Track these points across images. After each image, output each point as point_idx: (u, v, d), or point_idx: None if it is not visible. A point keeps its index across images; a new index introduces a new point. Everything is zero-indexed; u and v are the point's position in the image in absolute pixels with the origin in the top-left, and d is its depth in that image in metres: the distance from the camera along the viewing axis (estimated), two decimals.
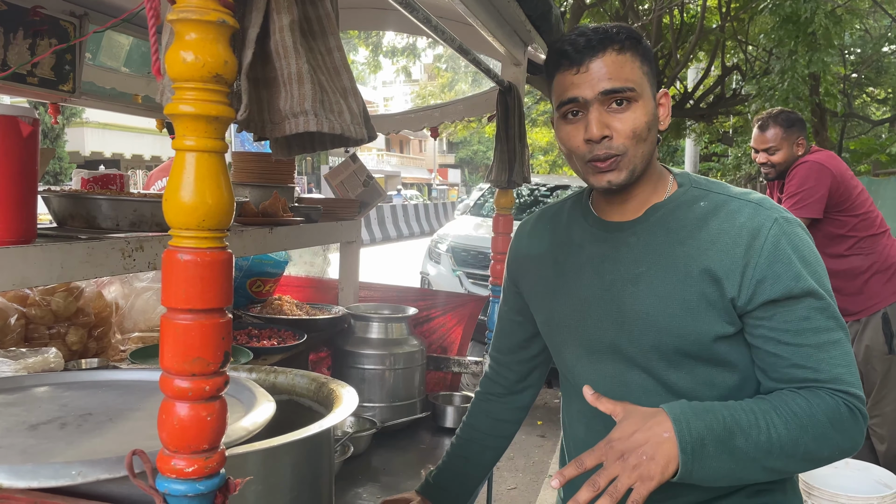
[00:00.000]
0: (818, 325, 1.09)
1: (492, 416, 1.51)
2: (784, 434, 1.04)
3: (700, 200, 1.19)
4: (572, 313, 1.26)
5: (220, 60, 0.71)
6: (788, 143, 3.24)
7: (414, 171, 42.43)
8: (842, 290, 3.24)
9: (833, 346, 1.09)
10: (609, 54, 1.13)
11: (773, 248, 1.10)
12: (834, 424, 1.07)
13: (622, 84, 1.12)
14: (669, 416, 1.04)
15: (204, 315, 0.73)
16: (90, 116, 19.91)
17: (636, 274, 1.18)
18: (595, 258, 1.24)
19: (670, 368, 1.16)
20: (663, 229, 1.18)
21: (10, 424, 0.98)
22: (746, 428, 1.04)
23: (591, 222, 1.27)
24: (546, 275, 1.32)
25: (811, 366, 1.09)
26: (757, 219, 1.12)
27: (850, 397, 1.08)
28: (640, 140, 1.14)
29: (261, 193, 2.12)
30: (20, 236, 1.05)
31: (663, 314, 1.14)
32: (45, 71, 1.84)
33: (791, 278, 1.09)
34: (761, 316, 1.11)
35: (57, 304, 1.81)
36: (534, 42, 2.36)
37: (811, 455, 1.07)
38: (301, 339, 2.20)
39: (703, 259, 1.12)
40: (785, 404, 1.07)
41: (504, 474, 4.14)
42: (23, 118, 1.03)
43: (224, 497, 0.79)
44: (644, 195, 1.22)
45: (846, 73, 10.28)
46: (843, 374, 1.09)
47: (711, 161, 13.07)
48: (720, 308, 1.12)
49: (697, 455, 1.01)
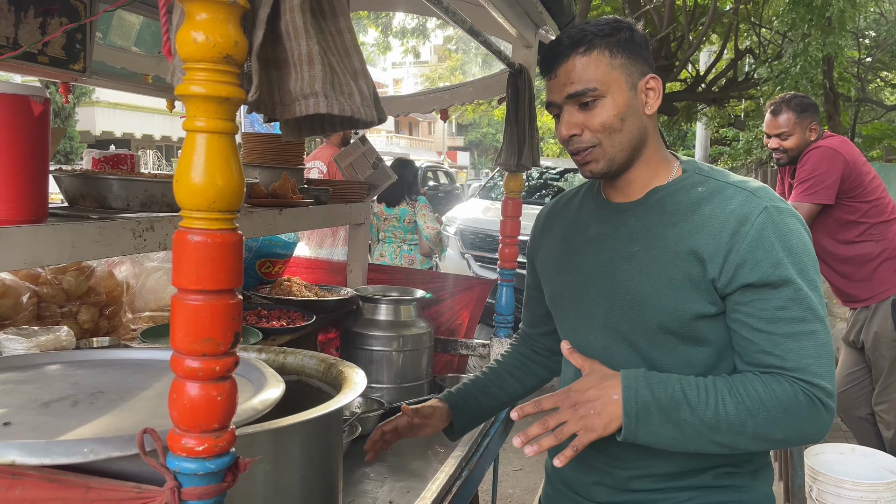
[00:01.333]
0: (793, 315, 1.13)
1: (522, 360, 1.62)
2: (733, 413, 1.11)
3: (699, 186, 1.24)
4: (573, 287, 1.35)
5: (231, 41, 0.70)
6: (801, 128, 3.21)
7: (423, 154, 42.29)
8: (852, 277, 3.23)
9: (805, 336, 1.13)
10: (573, 59, 1.22)
11: (758, 234, 1.14)
12: (788, 411, 1.12)
13: (583, 86, 1.21)
14: (622, 382, 1.14)
15: (214, 296, 0.73)
16: (101, 96, 19.92)
17: (630, 252, 1.25)
18: (598, 236, 1.32)
19: (653, 345, 1.23)
20: (660, 211, 1.25)
21: (23, 402, 0.99)
22: (694, 403, 1.12)
23: (599, 204, 1.37)
24: (556, 252, 1.41)
25: (779, 353, 1.13)
26: (747, 206, 1.17)
27: (812, 387, 1.12)
28: (613, 131, 1.23)
29: (270, 175, 2.12)
30: (32, 215, 1.06)
31: (651, 291, 1.21)
32: (56, 50, 1.83)
33: (770, 265, 1.13)
34: (739, 300, 1.16)
35: (68, 283, 1.82)
36: (545, 24, 2.34)
37: (762, 436, 1.13)
38: (310, 321, 2.21)
39: (692, 241, 1.18)
40: (742, 386, 1.13)
41: (510, 455, 4.16)
42: (34, 97, 1.03)
43: (234, 476, 0.80)
44: (644, 178, 1.29)
45: (860, 57, 10.15)
46: (811, 365, 1.12)
47: (722, 145, 12.98)
48: (703, 288, 1.18)
49: (641, 420, 1.12)
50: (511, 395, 1.60)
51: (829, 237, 3.23)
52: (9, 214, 1.03)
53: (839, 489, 2.64)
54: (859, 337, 3.28)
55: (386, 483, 1.71)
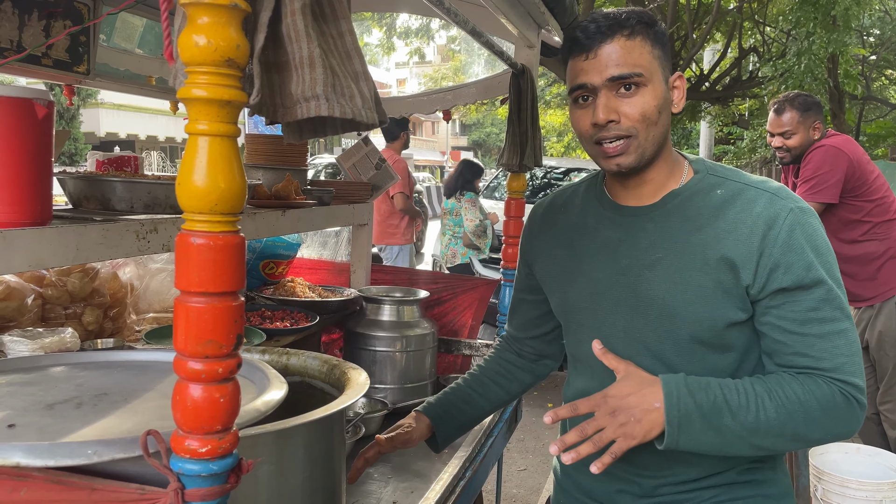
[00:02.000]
0: (825, 315, 1.12)
1: (505, 366, 1.57)
2: (773, 417, 1.10)
3: (717, 188, 1.20)
4: (587, 296, 1.28)
5: (233, 44, 0.71)
6: (805, 126, 3.21)
7: (426, 154, 42.29)
8: (856, 276, 3.22)
9: (837, 335, 1.13)
10: (618, 40, 1.15)
11: (788, 237, 1.12)
12: (826, 411, 1.11)
13: (629, 70, 1.14)
14: (663, 389, 1.10)
15: (217, 298, 0.74)
16: (105, 97, 19.99)
17: (653, 260, 1.20)
18: (611, 242, 1.26)
19: (681, 355, 1.20)
20: (680, 216, 1.20)
21: (27, 404, 1.00)
22: (735, 408, 1.10)
23: (607, 206, 1.29)
24: (560, 257, 1.34)
25: (814, 354, 1.13)
26: (773, 208, 1.15)
27: (848, 386, 1.12)
28: (650, 123, 1.16)
29: (273, 176, 2.13)
30: (36, 218, 1.06)
31: (679, 300, 1.17)
32: (60, 53, 1.84)
33: (803, 268, 1.12)
34: (771, 304, 1.14)
35: (73, 284, 1.82)
36: (548, 24, 2.34)
37: (800, 437, 1.12)
38: (313, 321, 2.21)
39: (721, 247, 1.15)
40: (780, 388, 1.12)
41: (514, 455, 4.16)
42: (38, 100, 1.04)
43: (237, 477, 0.80)
44: (659, 180, 1.23)
45: (865, 55, 10.13)
46: (844, 364, 1.12)
47: (726, 144, 12.95)
48: (735, 295, 1.15)
49: (684, 428, 1.09)
50: (494, 402, 1.55)
51: (832, 236, 3.22)
52: (13, 217, 1.04)
53: (844, 489, 2.64)
54: (863, 336, 3.28)
55: (390, 483, 1.72)
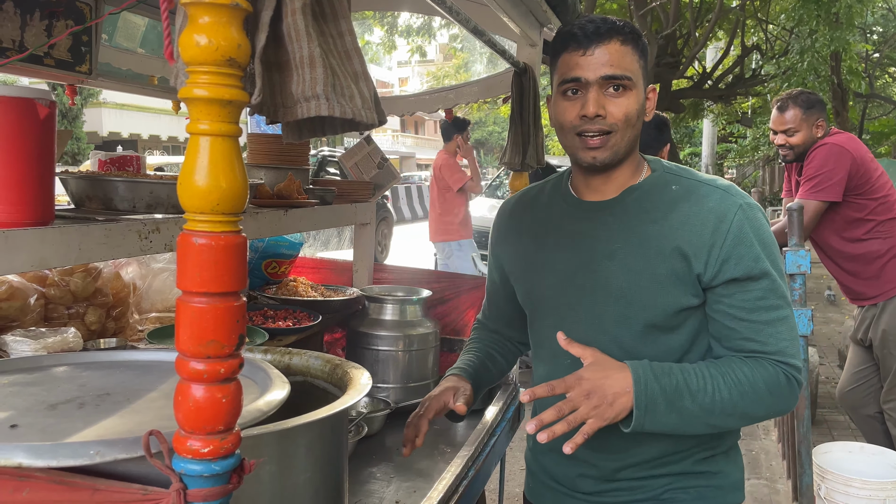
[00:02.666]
0: (770, 303, 1.24)
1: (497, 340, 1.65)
2: (727, 398, 1.21)
3: (672, 184, 1.31)
4: (551, 286, 1.38)
5: (234, 44, 0.71)
6: (808, 124, 3.20)
7: (429, 153, 42.28)
8: (859, 275, 3.21)
9: (780, 322, 1.25)
10: (613, 43, 1.26)
11: (738, 231, 1.23)
12: (772, 391, 1.23)
13: (622, 72, 1.25)
14: (632, 375, 1.20)
15: (218, 298, 0.74)
16: (107, 97, 20.01)
17: (612, 250, 1.30)
18: (574, 235, 1.36)
19: (636, 337, 1.30)
20: (638, 209, 1.31)
21: (30, 404, 1.00)
22: (695, 391, 1.21)
23: (570, 202, 1.39)
24: (527, 251, 1.43)
25: (761, 339, 1.25)
26: (724, 204, 1.26)
27: (790, 368, 1.25)
28: (629, 125, 1.27)
29: (276, 175, 2.13)
30: (38, 218, 1.06)
31: (635, 287, 1.27)
32: (62, 52, 1.84)
33: (751, 259, 1.23)
34: (723, 293, 1.25)
35: (75, 284, 1.83)
36: (550, 23, 2.33)
37: (747, 415, 1.25)
38: (316, 321, 2.22)
39: (675, 238, 1.26)
40: (732, 371, 1.23)
41: (517, 454, 4.16)
42: (39, 100, 1.04)
43: (239, 477, 0.80)
44: (622, 179, 1.34)
45: (868, 53, 10.10)
46: (787, 348, 1.25)
47: (729, 142, 12.93)
48: (688, 283, 1.26)
49: (650, 411, 1.19)
50: (500, 372, 1.62)
51: (836, 235, 3.21)
52: (15, 217, 1.04)
53: (848, 488, 2.63)
54: (867, 335, 3.27)
55: (392, 483, 1.72)
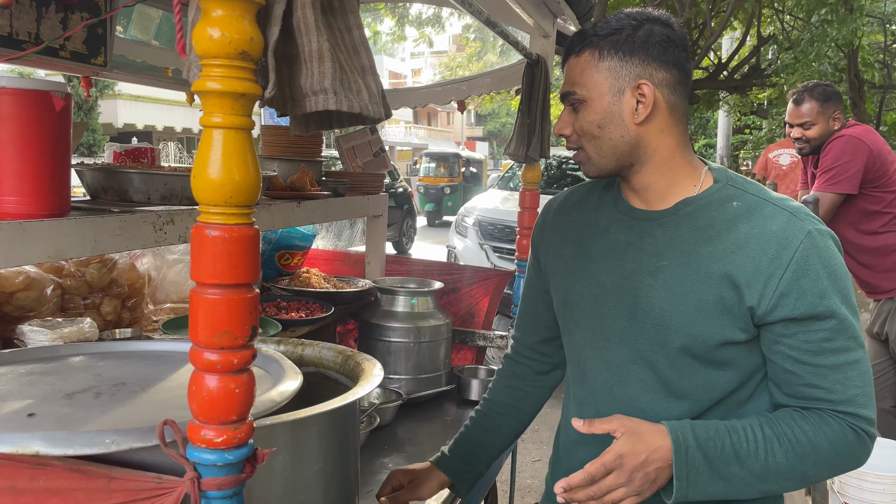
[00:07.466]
0: (838, 345, 1.09)
1: (515, 392, 1.49)
2: (782, 462, 1.09)
3: (733, 200, 1.16)
4: (589, 297, 1.25)
5: (247, 37, 0.71)
6: (824, 117, 3.16)
7: (442, 144, 42.28)
8: (875, 268, 3.18)
9: (850, 366, 1.09)
10: (571, 59, 1.21)
11: (802, 261, 1.07)
12: (838, 450, 1.10)
13: (569, 88, 1.20)
14: (672, 443, 1.08)
15: (232, 290, 0.74)
16: (122, 89, 20.07)
17: (657, 267, 1.17)
18: (619, 244, 1.23)
19: (673, 367, 1.16)
20: (691, 225, 1.16)
21: (47, 393, 1.01)
22: (744, 455, 1.08)
23: (621, 208, 1.26)
24: (568, 254, 1.31)
25: (826, 386, 1.09)
26: (789, 229, 1.09)
27: (859, 420, 1.10)
28: (591, 137, 1.19)
29: (289, 167, 2.13)
30: (55, 209, 1.08)
31: (676, 311, 1.13)
32: (77, 45, 1.85)
33: (816, 295, 1.07)
34: (782, 332, 1.10)
35: (91, 275, 1.84)
36: (563, 14, 2.32)
37: (809, 478, 1.12)
38: (328, 312, 2.23)
39: (727, 262, 1.11)
40: (790, 430, 1.10)
41: (528, 446, 4.17)
42: (55, 93, 1.05)
43: (252, 466, 0.81)
44: (661, 185, 1.20)
45: (887, 44, 9.97)
46: (857, 396, 1.09)
47: (744, 133, 12.82)
48: (736, 314, 1.11)
49: (693, 482, 1.07)
50: (510, 436, 1.49)
51: (852, 228, 3.18)
52: (32, 208, 1.05)
53: (861, 481, 2.62)
54: (883, 328, 3.24)
55: None
